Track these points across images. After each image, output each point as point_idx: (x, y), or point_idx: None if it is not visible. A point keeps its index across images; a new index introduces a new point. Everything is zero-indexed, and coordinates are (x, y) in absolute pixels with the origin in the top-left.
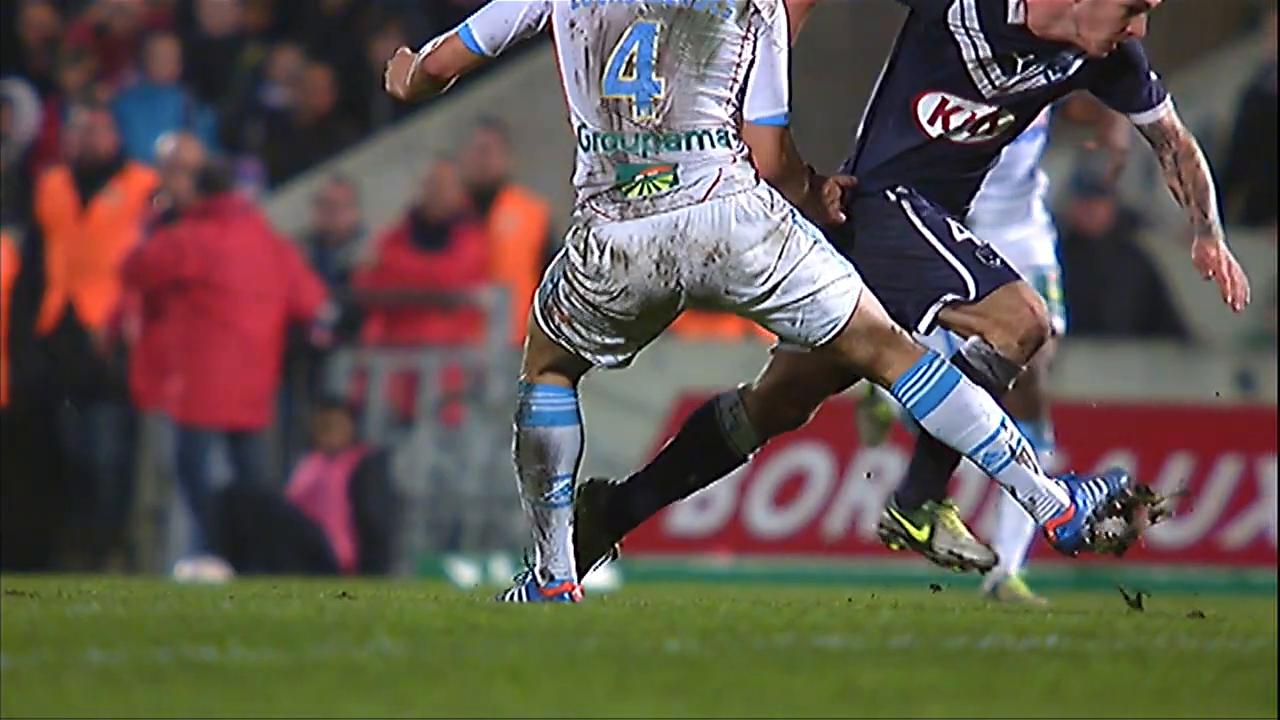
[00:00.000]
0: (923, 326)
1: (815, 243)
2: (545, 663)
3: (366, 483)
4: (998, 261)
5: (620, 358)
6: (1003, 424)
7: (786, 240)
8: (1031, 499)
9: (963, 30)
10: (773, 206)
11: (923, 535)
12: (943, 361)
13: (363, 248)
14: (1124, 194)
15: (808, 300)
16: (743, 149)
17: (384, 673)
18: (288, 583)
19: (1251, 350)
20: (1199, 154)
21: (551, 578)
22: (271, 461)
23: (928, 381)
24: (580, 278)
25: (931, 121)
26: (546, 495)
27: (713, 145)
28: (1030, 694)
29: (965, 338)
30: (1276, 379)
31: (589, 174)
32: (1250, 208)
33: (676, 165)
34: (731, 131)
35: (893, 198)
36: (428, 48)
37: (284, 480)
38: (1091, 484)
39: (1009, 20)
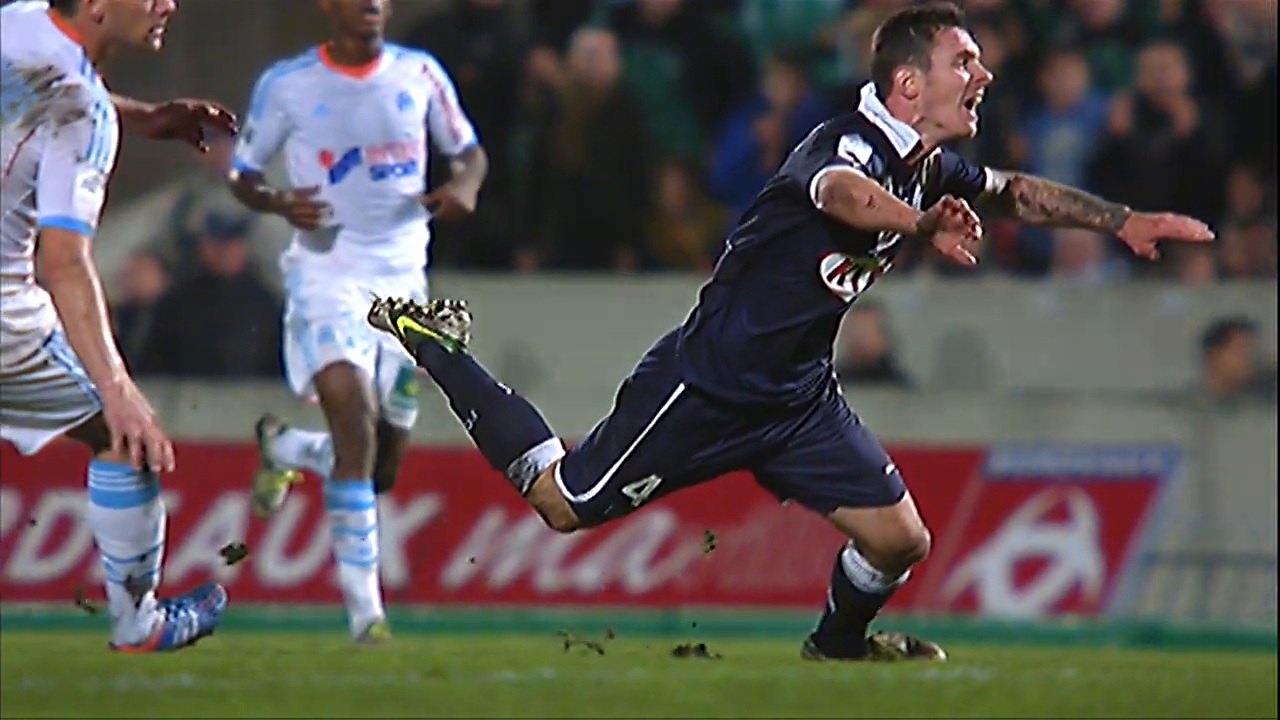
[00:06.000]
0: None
1: (58, 378)
2: None
3: None
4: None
5: None
6: (141, 558)
7: (24, 368)
8: (117, 618)
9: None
10: (22, 333)
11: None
12: (149, 481)
13: None
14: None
15: (25, 416)
16: (16, 267)
17: None
18: None
19: None
20: (1038, 177)
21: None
22: None
23: (121, 484)
24: None
25: (840, 282)
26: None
27: None
28: None
29: None
30: None
31: None
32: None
33: None
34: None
35: (680, 387)
36: None
37: None
38: (193, 614)
39: (904, 157)
